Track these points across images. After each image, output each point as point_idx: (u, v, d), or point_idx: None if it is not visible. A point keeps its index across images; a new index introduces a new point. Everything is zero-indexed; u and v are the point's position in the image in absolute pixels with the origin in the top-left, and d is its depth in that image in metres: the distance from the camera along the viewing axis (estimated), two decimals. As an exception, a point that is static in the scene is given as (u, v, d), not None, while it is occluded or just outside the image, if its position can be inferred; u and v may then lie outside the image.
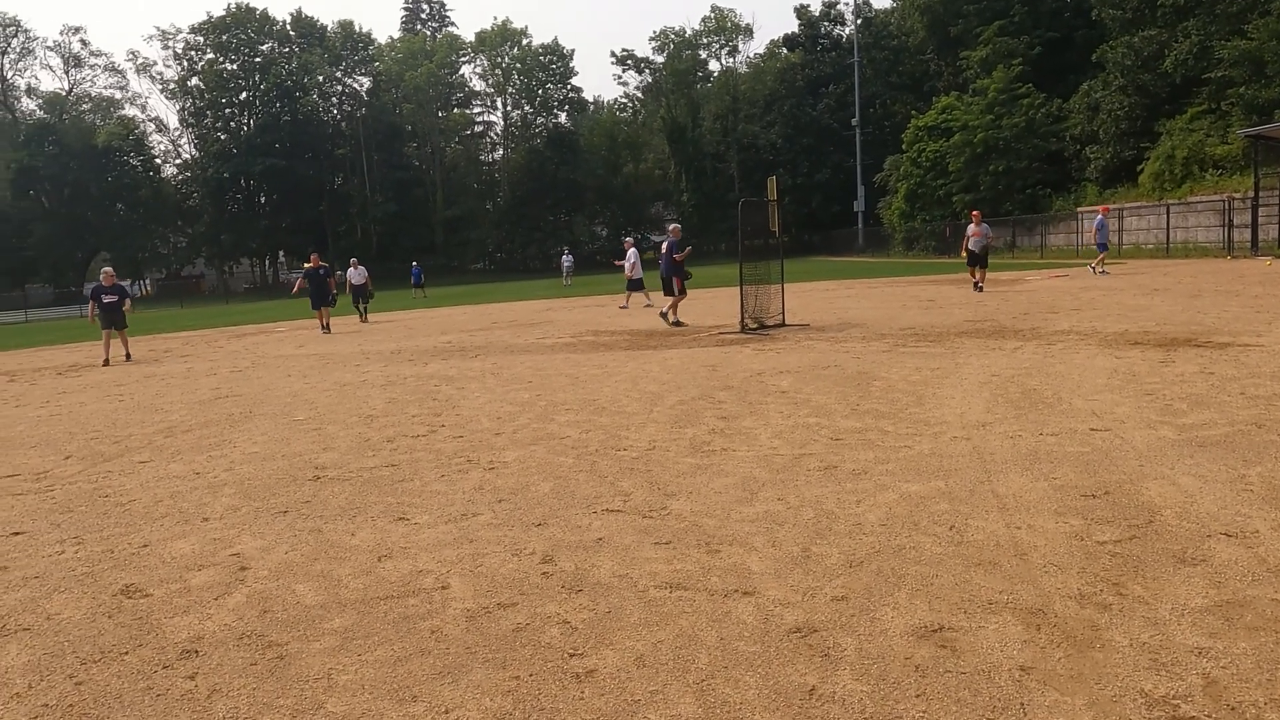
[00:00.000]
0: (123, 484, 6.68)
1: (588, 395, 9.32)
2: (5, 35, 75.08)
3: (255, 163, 73.24)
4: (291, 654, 3.55)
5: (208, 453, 7.65)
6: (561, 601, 3.90)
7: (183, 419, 9.57)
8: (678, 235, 17.35)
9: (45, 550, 5.13)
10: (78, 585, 4.50)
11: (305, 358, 15.74)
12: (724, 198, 77.05)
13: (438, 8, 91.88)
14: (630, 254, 25.00)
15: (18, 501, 6.35)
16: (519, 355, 13.70)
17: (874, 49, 71.78)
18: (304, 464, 6.95)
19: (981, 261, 21.31)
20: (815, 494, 5.25)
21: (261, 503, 5.87)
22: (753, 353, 12.05)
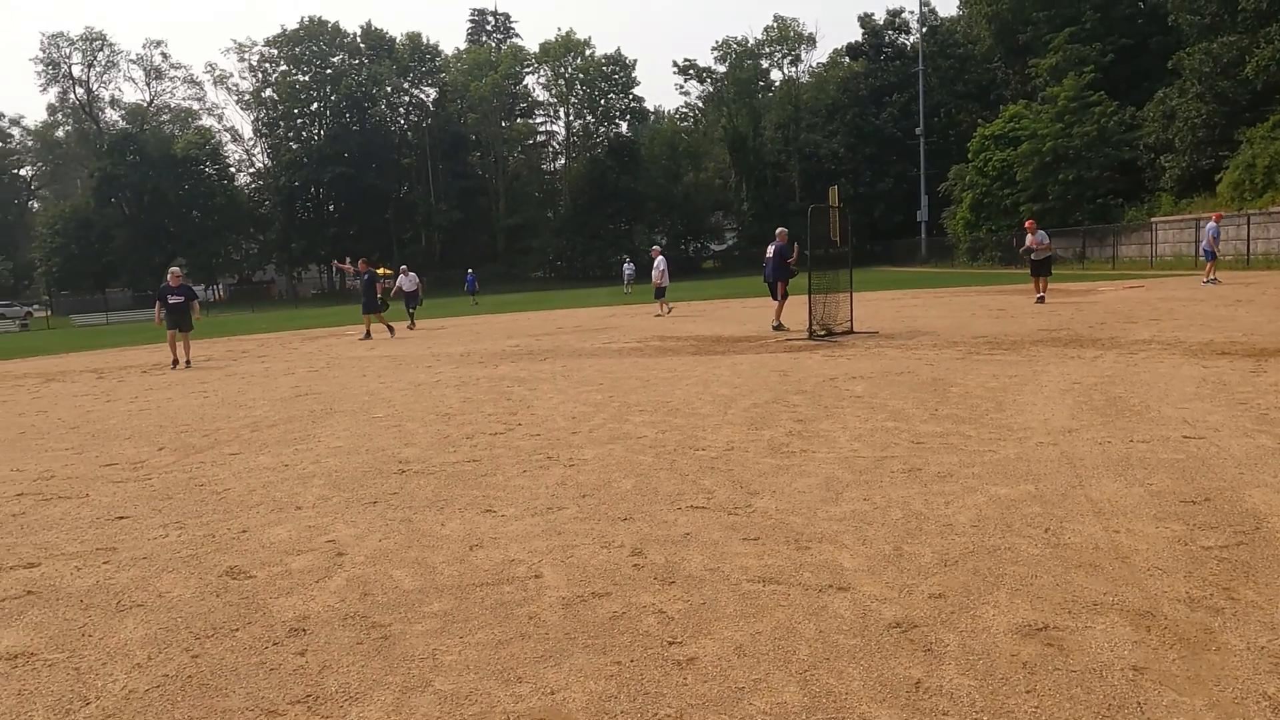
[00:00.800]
0: (216, 474, 6.90)
1: (660, 397, 9.36)
2: (92, 49, 78.21)
3: (325, 171, 75.05)
4: (395, 634, 3.64)
5: (294, 446, 7.87)
6: (655, 592, 3.93)
7: (266, 415, 9.84)
8: (785, 239, 17.15)
9: (150, 533, 5.33)
10: (184, 566, 4.66)
11: (378, 359, 16.07)
12: (784, 207, 76.57)
13: (502, 19, 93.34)
14: (658, 261, 25.12)
15: (119, 488, 6.60)
16: (587, 359, 13.81)
17: (939, 57, 70.85)
18: (388, 458, 7.10)
19: (1044, 270, 20.76)
20: (901, 495, 5.20)
21: (351, 493, 6.02)
22: (823, 359, 11.98)
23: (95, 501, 6.22)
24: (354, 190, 76.05)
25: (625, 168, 77.59)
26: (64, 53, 78.80)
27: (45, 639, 3.79)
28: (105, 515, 5.81)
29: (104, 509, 5.99)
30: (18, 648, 3.71)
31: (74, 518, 5.80)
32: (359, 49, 79.88)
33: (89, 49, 78.35)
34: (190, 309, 16.80)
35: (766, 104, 79.17)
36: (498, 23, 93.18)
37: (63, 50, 78.66)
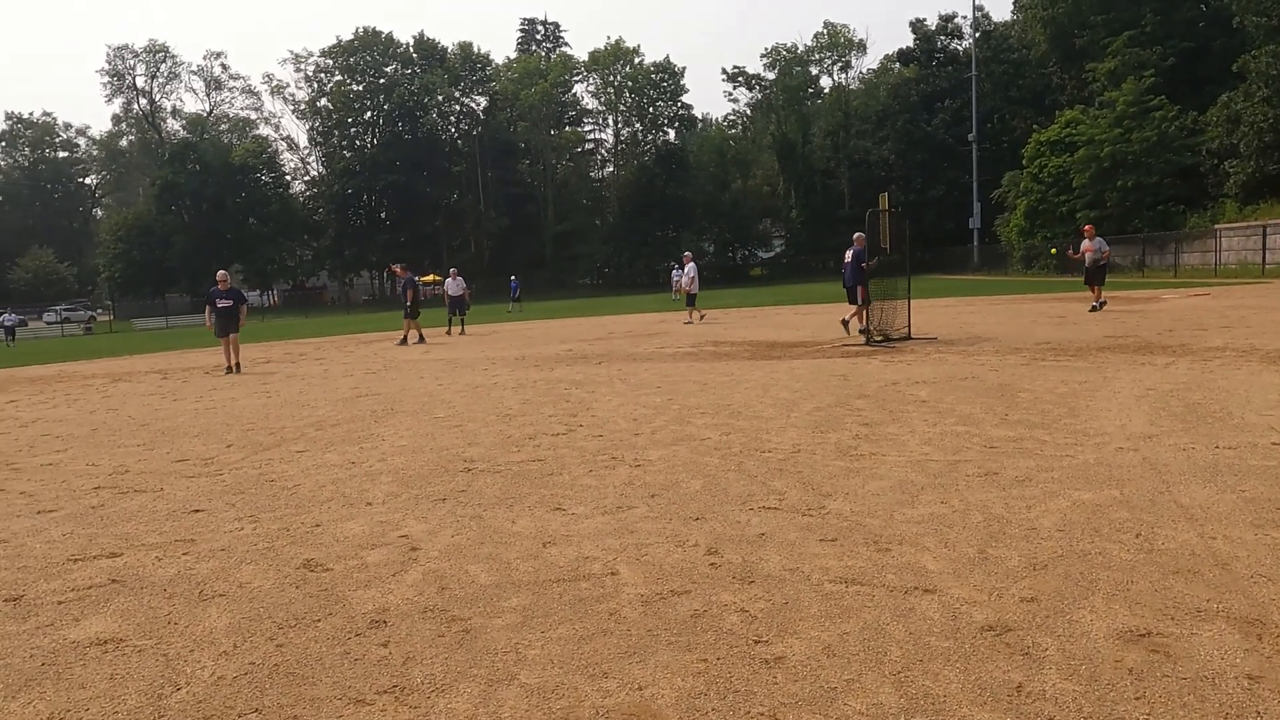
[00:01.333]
0: (285, 470, 6.99)
1: (720, 400, 9.29)
2: (155, 61, 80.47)
3: (377, 179, 76.20)
4: (476, 628, 3.63)
5: (359, 444, 7.94)
6: (735, 591, 3.87)
7: (329, 414, 9.97)
8: (863, 244, 16.78)
9: (226, 527, 5.40)
10: (262, 558, 4.71)
11: (433, 362, 16.22)
12: (834, 214, 76.02)
13: (552, 29, 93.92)
14: (689, 268, 24.85)
15: (192, 483, 6.72)
16: (642, 363, 13.78)
17: (992, 63, 69.84)
18: (453, 457, 7.13)
19: (1098, 278, 20.14)
20: (979, 499, 5.08)
21: (419, 490, 6.05)
22: (882, 364, 11.81)
23: (170, 495, 6.33)
24: (405, 198, 77.11)
25: (673, 175, 77.61)
26: (129, 64, 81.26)
27: (133, 626, 3.84)
28: (181, 509, 5.91)
29: (179, 503, 6.09)
30: (107, 633, 3.77)
31: (151, 510, 5.90)
32: (411, 59, 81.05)
33: (152, 60, 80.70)
34: (239, 313, 16.34)
35: (816, 111, 78.66)
36: (547, 32, 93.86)
37: (127, 62, 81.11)
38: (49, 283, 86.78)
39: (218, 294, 16.31)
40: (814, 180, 76.28)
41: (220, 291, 16.33)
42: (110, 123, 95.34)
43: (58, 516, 5.89)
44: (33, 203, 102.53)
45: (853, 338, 15.75)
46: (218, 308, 16.27)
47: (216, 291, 16.34)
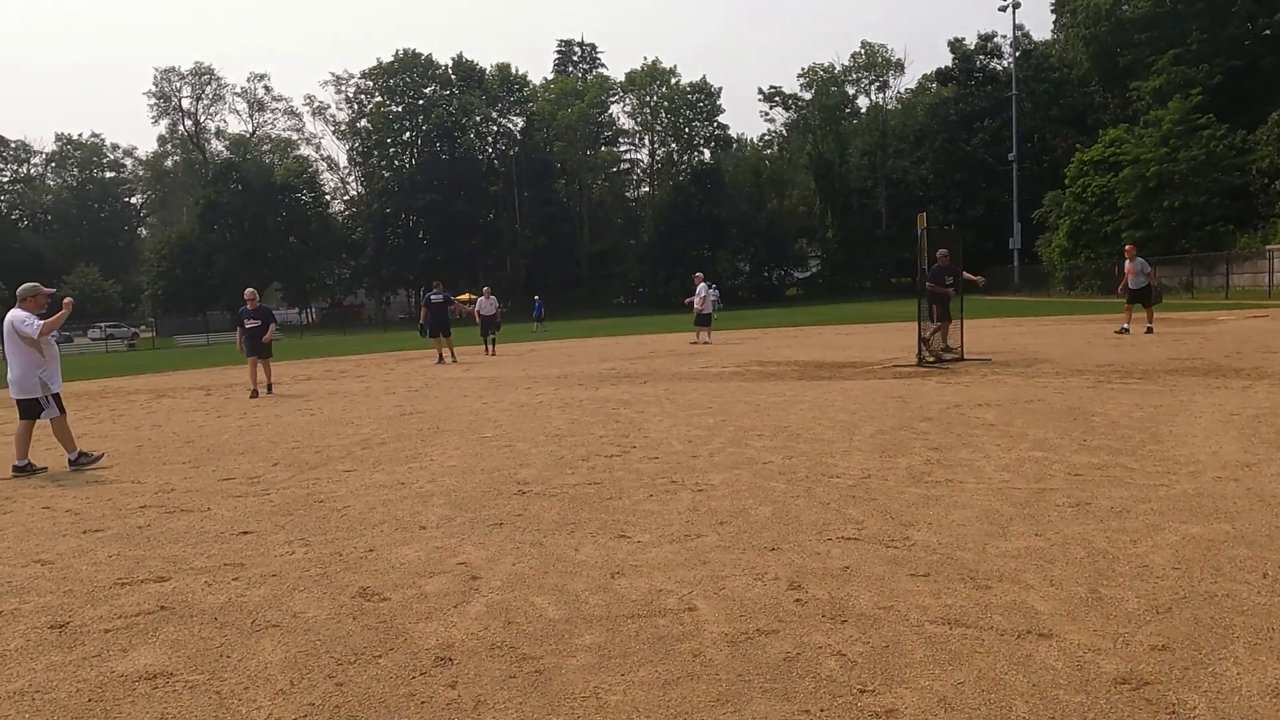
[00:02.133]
0: (333, 490, 6.78)
1: (776, 422, 8.98)
2: (200, 82, 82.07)
3: (415, 199, 76.86)
4: (549, 669, 3.35)
5: (407, 464, 7.73)
6: (828, 632, 3.56)
7: (374, 432, 9.78)
8: (946, 261, 16.36)
9: (275, 550, 5.18)
10: (315, 585, 4.48)
11: (474, 380, 16.05)
12: (870, 234, 75.43)
13: (589, 50, 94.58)
14: (700, 289, 24.59)
15: (239, 503, 6.53)
16: (688, 382, 13.49)
17: (1033, 81, 69.05)
18: (504, 479, 6.88)
19: (1143, 299, 19.19)
20: (1076, 531, 4.73)
21: (474, 514, 5.80)
22: (938, 385, 11.43)
23: (217, 515, 6.14)
24: (443, 217, 77.64)
25: (709, 195, 77.50)
26: (175, 86, 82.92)
27: (183, 658, 3.61)
28: (229, 530, 5.71)
29: (227, 523, 5.89)
30: (156, 666, 3.54)
31: (198, 531, 5.71)
32: (450, 80, 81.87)
33: (198, 82, 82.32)
34: (268, 333, 15.21)
35: (852, 130, 78.25)
36: (584, 53, 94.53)
37: (174, 84, 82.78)
38: (94, 300, 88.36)
39: (246, 313, 15.30)
40: (850, 200, 75.73)
41: (249, 311, 15.27)
42: (156, 143, 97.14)
43: (104, 536, 5.72)
44: (80, 222, 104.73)
45: (897, 359, 15.35)
46: (246, 328, 15.20)
47: (245, 311, 15.33)
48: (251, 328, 15.07)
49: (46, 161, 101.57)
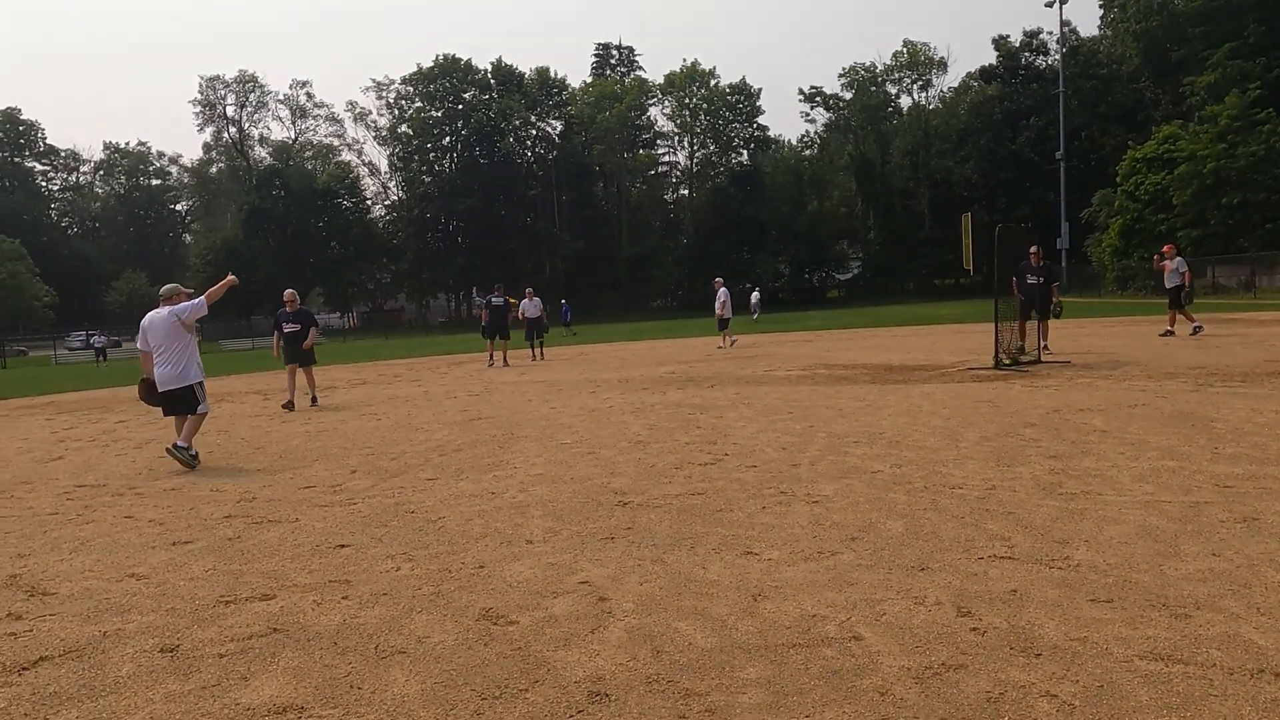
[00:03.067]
0: (422, 500, 6.50)
1: (868, 428, 8.57)
2: (245, 91, 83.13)
3: (455, 203, 77.24)
4: (720, 707, 3.01)
5: (491, 472, 7.44)
6: (1024, 667, 3.18)
7: (448, 438, 9.52)
8: (1039, 260, 15.99)
9: (379, 565, 4.89)
10: (432, 606, 4.17)
11: (533, 384, 15.78)
12: (913, 235, 74.45)
13: (626, 53, 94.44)
14: (720, 294, 24.44)
15: (327, 513, 6.27)
16: (758, 386, 13.10)
17: (1080, 78, 67.65)
18: (598, 488, 6.55)
19: (1174, 301, 18.42)
20: (1259, 551, 4.30)
21: (579, 527, 5.47)
22: (1026, 389, 10.93)
23: (308, 527, 5.88)
24: (482, 221, 77.95)
25: (748, 196, 76.97)
26: (219, 94, 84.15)
27: (310, 689, 3.32)
28: (324, 543, 5.44)
29: (320, 535, 5.62)
30: (283, 698, 3.25)
31: (292, 544, 5.45)
32: (489, 84, 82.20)
33: (242, 90, 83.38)
34: (308, 338, 13.77)
35: (894, 130, 77.28)
36: (622, 56, 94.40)
37: (219, 92, 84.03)
38: (142, 305, 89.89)
39: (284, 316, 13.86)
40: (893, 201, 74.79)
41: (287, 314, 13.84)
42: (201, 150, 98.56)
43: (195, 549, 5.47)
44: (127, 228, 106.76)
45: (972, 361, 14.84)
46: (284, 332, 13.80)
47: (283, 314, 13.88)
48: (290, 332, 13.74)
49: (95, 170, 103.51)
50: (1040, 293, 15.93)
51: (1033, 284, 15.99)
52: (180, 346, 8.66)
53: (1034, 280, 16.05)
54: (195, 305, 8.71)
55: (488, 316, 21.72)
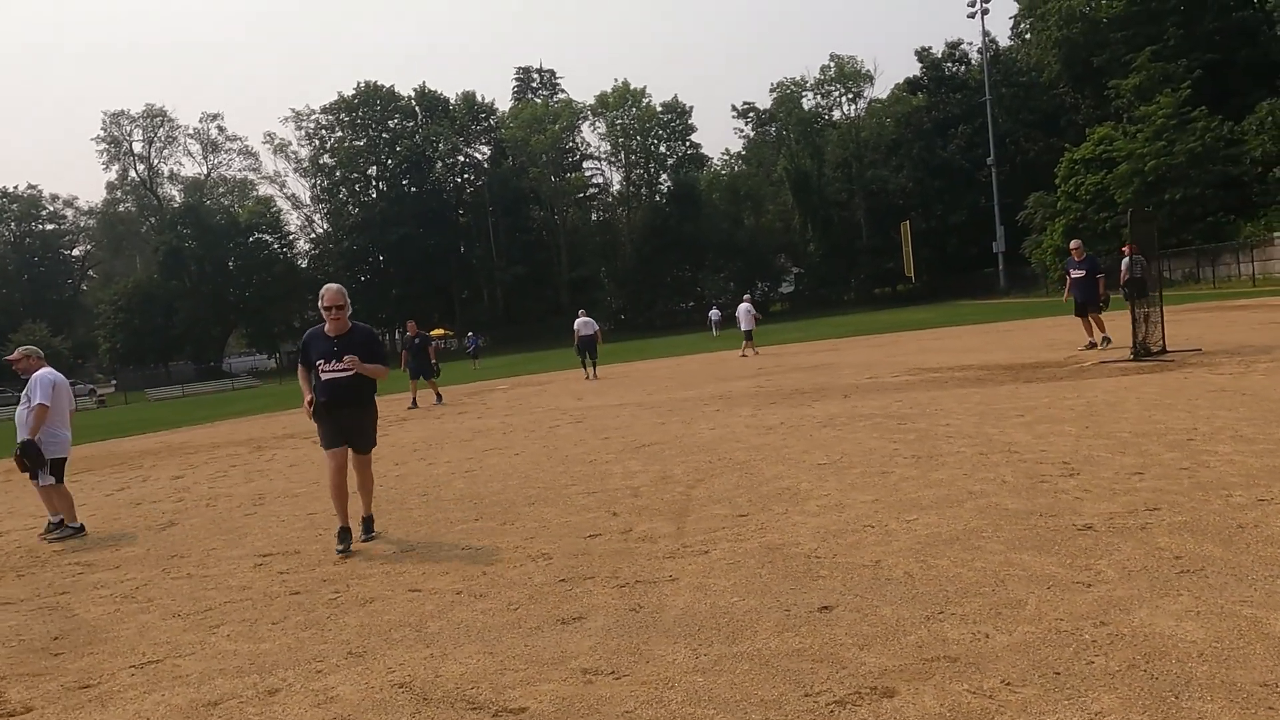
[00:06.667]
0: (788, 538, 5.26)
1: (1140, 428, 7.65)
2: (153, 125, 78.85)
3: (386, 234, 74.64)
4: None
5: (813, 503, 6.21)
6: None
7: (685, 472, 8.21)
8: (1080, 254, 15.70)
9: (897, 634, 3.67)
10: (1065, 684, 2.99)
11: (629, 407, 14.45)
12: (851, 246, 75.29)
13: (548, 76, 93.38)
14: (742, 307, 26.73)
15: (697, 564, 4.97)
16: (904, 392, 12.11)
17: (1002, 86, 69.73)
18: (993, 510, 5.42)
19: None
20: None
21: (1064, 559, 4.34)
22: (1232, 377, 10.23)
23: (685, 592, 4.58)
24: (415, 251, 75.55)
25: (686, 215, 76.70)
26: (125, 130, 79.51)
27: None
28: (736, 612, 4.18)
29: (719, 596, 4.35)
30: None
31: (693, 617, 4.16)
32: (414, 111, 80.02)
33: (150, 125, 79.07)
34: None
35: (826, 142, 78.27)
36: (543, 80, 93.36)
37: (124, 128, 79.41)
38: (45, 358, 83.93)
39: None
40: (830, 212, 75.56)
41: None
42: (105, 190, 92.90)
43: (589, 629, 4.14)
44: (20, 277, 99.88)
45: (1097, 353, 14.24)
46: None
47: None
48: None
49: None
50: (1084, 286, 15.72)
51: (1077, 278, 15.86)
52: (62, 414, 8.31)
53: (1078, 274, 15.89)
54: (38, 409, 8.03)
55: (408, 358, 19.80)
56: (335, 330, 6.40)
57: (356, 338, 6.42)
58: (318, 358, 6.39)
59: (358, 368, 6.27)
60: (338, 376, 6.35)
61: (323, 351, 6.37)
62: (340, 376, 6.33)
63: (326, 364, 6.33)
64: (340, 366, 6.29)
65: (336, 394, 6.36)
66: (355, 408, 6.47)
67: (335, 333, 6.40)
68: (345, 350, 6.28)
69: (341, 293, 6.40)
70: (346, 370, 6.30)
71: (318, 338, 6.48)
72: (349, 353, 6.26)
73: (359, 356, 6.31)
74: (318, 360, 6.38)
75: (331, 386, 6.36)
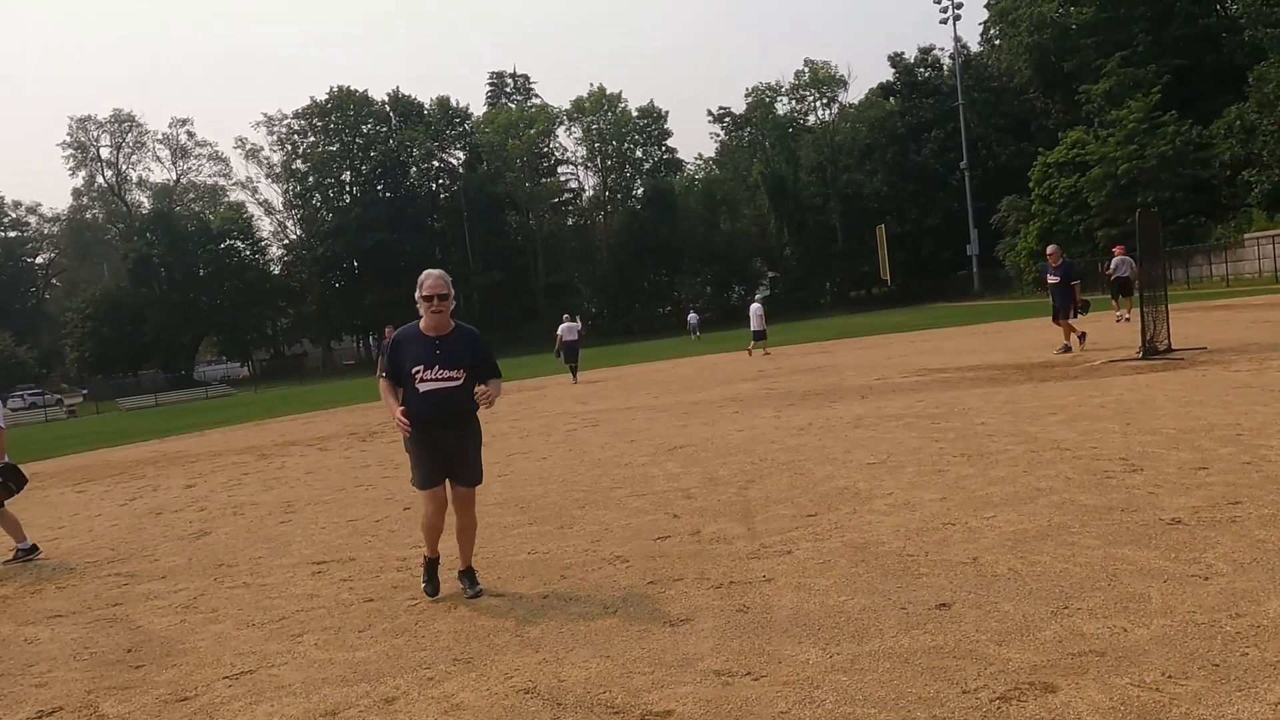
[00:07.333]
0: (876, 535, 5.23)
1: (1186, 424, 7.74)
2: (121, 131, 77.55)
3: (360, 240, 73.93)
4: None
5: (968, 516, 6.19)
6: None
7: (730, 473, 8.17)
8: (1057, 260, 16.00)
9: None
10: None
11: (641, 410, 14.38)
12: (827, 249, 75.70)
13: (522, 81, 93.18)
14: (753, 308, 26.70)
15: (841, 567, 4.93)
16: (921, 393, 12.16)
17: (974, 90, 70.55)
18: (1070, 506, 5.44)
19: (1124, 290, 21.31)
20: None
21: (1167, 553, 4.35)
22: (1239, 375, 10.38)
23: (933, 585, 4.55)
24: (390, 257, 74.78)
25: (663, 219, 76.74)
26: (92, 136, 78.14)
27: None
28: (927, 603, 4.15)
29: (917, 599, 4.32)
30: None
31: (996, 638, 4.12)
32: (387, 116, 79.40)
33: (118, 130, 77.74)
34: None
35: (801, 147, 78.72)
36: (517, 84, 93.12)
37: (91, 134, 78.03)
38: (9, 367, 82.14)
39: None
40: (805, 216, 75.92)
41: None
42: (71, 196, 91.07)
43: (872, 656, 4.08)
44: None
45: (1113, 352, 14.43)
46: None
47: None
48: None
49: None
50: (1060, 291, 15.99)
51: (1054, 283, 16.16)
52: None
53: (1054, 279, 16.18)
54: None
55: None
56: (436, 328, 5.06)
57: (463, 340, 5.12)
58: (414, 364, 5.00)
59: (490, 396, 5.13)
60: (442, 387, 4.98)
61: (421, 356, 5.01)
62: (446, 387, 4.99)
63: (426, 371, 4.98)
64: (445, 374, 4.99)
65: (442, 410, 4.99)
66: (461, 430, 5.11)
67: (436, 331, 5.06)
68: (450, 354, 5.02)
69: (445, 280, 5.08)
70: (454, 379, 5.00)
71: (412, 339, 5.11)
72: (455, 357, 5.02)
73: (472, 366, 5.08)
74: (414, 367, 4.99)
75: (435, 400, 4.97)
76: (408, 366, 5.03)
